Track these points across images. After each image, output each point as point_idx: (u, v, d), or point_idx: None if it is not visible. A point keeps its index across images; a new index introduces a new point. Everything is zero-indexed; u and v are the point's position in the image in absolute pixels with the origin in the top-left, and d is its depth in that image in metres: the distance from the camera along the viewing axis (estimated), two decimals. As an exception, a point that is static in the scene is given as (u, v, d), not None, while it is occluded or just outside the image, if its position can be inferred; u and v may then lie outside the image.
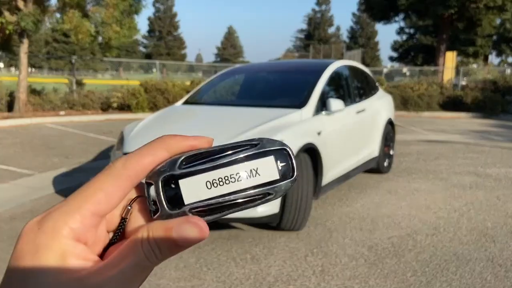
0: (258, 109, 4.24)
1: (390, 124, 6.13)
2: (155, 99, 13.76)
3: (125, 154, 3.64)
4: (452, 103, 16.13)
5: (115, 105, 13.65)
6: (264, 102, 4.53)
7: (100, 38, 12.55)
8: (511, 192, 5.17)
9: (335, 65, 4.98)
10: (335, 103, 4.25)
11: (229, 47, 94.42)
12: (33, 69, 66.91)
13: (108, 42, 12.35)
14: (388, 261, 3.19)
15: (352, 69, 5.54)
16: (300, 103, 4.18)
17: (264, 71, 5.52)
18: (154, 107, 13.50)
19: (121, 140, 4.02)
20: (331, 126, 4.29)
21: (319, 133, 4.05)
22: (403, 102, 15.97)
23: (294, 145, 3.59)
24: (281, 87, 4.98)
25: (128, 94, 13.59)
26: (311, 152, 3.87)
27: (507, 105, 15.49)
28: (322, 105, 4.31)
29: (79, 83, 14.65)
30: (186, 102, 4.97)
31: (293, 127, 3.77)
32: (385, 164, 6.03)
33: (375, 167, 5.79)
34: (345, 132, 4.70)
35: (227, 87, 5.65)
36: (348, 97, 5.09)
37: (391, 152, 6.33)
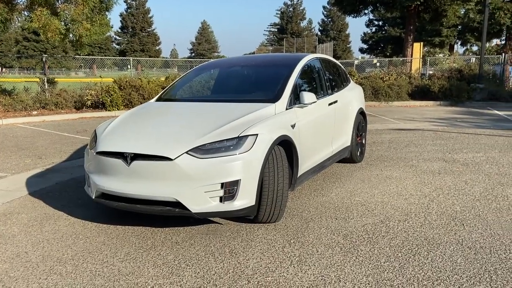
0: (233, 104, 4.27)
1: (361, 114, 6.27)
2: (130, 96, 13.57)
3: (98, 153, 3.63)
4: (420, 92, 16.56)
5: (89, 103, 13.41)
6: (238, 97, 4.55)
7: (71, 36, 12.28)
8: (478, 176, 5.39)
9: (307, 59, 5.05)
10: (307, 96, 4.32)
11: (204, 42, 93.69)
12: (4, 69, 64.71)
13: (79, 40, 12.09)
14: (363, 248, 3.29)
15: (324, 62, 5.63)
16: (274, 97, 4.23)
17: (238, 66, 5.53)
18: (129, 104, 13.34)
19: (94, 139, 3.98)
20: (304, 118, 4.36)
21: (293, 126, 4.11)
22: (373, 93, 16.28)
23: (269, 138, 3.64)
24: (255, 82, 5.01)
25: (102, 92, 13.36)
26: (286, 144, 3.93)
27: (472, 92, 15.99)
28: (295, 98, 4.37)
29: (51, 82, 14.29)
30: (160, 99, 4.95)
31: (268, 120, 3.82)
32: (358, 153, 6.17)
33: (348, 157, 5.92)
34: (319, 123, 4.79)
35: (201, 83, 5.65)
36: (321, 90, 5.18)
37: (363, 142, 6.47)
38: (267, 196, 3.61)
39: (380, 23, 42.87)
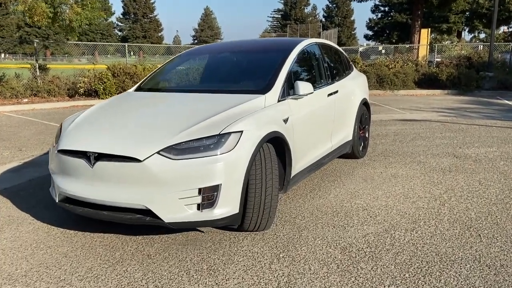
0: (217, 95, 3.77)
1: (364, 105, 5.75)
2: (123, 83, 13.04)
3: (60, 151, 3.15)
4: (428, 80, 15.96)
5: (81, 91, 12.92)
6: (224, 87, 4.05)
7: (60, 20, 11.73)
8: (493, 175, 4.89)
9: (304, 44, 4.52)
10: (303, 86, 3.80)
11: (207, 29, 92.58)
12: (7, 55, 63.96)
13: (70, 25, 11.54)
14: (364, 266, 2.81)
15: (324, 47, 5.09)
16: (264, 87, 3.71)
17: (228, 52, 5.00)
18: (123, 92, 12.83)
19: (59, 134, 3.50)
20: (299, 111, 3.86)
21: (285, 120, 3.61)
22: (378, 81, 15.70)
23: (257, 135, 3.15)
24: (244, 70, 4.48)
25: (94, 79, 12.86)
26: (277, 141, 3.44)
27: (481, 81, 15.38)
28: (289, 89, 3.86)
29: (43, 68, 13.78)
30: (139, 89, 4.43)
31: (255, 114, 3.32)
32: (360, 148, 5.66)
33: (349, 152, 5.42)
34: (316, 117, 4.28)
35: (186, 70, 5.12)
36: (319, 78, 4.67)
37: (366, 135, 5.97)
38: (254, 202, 3.13)
39: (386, 9, 41.90)
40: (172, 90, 4.37)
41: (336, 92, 4.79)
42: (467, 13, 34.46)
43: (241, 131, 3.05)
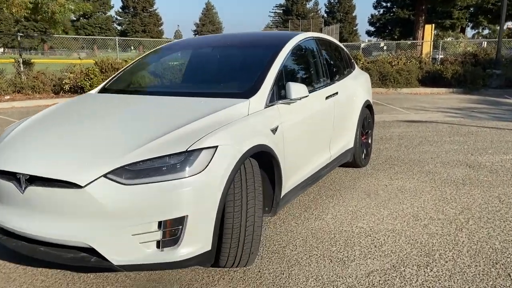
0: (191, 100, 3.12)
1: (367, 107, 5.13)
2: (112, 80, 12.39)
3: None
4: (432, 78, 15.30)
5: (67, 87, 12.27)
6: (201, 89, 3.42)
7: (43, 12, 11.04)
8: (513, 190, 4.27)
9: (298, 38, 3.88)
10: (296, 88, 3.17)
11: (208, 23, 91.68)
12: (7, 49, 63.05)
13: (52, 17, 10.86)
14: (368, 324, 2.20)
15: (322, 43, 4.47)
16: (248, 90, 3.07)
17: (211, 47, 4.33)
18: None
19: (-5, 148, 2.88)
20: (291, 118, 3.24)
21: (274, 130, 2.99)
22: (381, 78, 15.04)
23: (236, 151, 2.53)
24: (227, 69, 3.84)
25: (81, 75, 12.22)
26: (263, 156, 2.82)
27: (488, 79, 14.72)
28: (280, 91, 3.24)
29: (27, 63, 13.12)
30: (103, 90, 3.78)
31: (236, 124, 2.70)
32: (363, 156, 5.05)
33: (350, 161, 4.81)
34: (312, 124, 3.66)
35: (162, 68, 4.46)
36: (316, 79, 4.04)
37: (369, 141, 5.35)
38: (232, 234, 2.51)
39: (389, 4, 41.11)
40: (139, 92, 3.71)
41: (336, 94, 4.16)
42: (471, 9, 33.68)
43: (216, 147, 2.43)
